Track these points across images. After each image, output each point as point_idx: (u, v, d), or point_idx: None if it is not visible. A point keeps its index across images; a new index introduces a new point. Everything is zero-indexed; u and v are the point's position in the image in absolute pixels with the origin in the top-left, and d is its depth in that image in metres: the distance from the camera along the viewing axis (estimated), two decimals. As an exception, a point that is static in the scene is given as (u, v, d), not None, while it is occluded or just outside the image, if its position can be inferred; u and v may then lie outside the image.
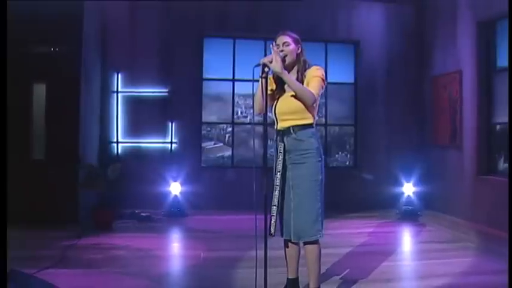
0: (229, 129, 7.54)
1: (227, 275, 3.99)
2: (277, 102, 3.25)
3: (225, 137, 7.58)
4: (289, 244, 3.29)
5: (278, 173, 3.21)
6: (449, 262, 4.48)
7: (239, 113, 7.58)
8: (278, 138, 3.29)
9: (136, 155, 6.94)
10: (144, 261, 4.44)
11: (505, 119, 5.84)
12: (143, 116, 7.00)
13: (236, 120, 7.52)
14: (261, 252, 2.85)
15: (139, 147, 7.01)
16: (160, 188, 6.73)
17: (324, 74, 3.16)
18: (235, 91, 7.46)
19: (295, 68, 3.22)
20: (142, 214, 6.34)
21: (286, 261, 3.31)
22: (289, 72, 3.16)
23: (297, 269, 3.33)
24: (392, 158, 7.30)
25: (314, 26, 7.25)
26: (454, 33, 6.55)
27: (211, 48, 7.37)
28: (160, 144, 7.07)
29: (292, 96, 3.15)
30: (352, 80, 7.65)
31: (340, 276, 3.92)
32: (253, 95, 3.26)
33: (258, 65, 3.04)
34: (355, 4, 7.50)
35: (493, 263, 4.50)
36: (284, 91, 3.22)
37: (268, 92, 3.14)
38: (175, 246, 5.44)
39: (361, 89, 7.61)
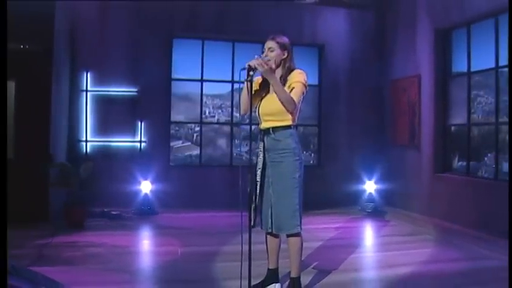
0: (197, 128, 7.68)
1: (208, 268, 4.17)
2: (260, 103, 3.44)
3: (193, 136, 7.71)
4: (270, 237, 3.51)
5: (258, 170, 3.42)
6: (410, 253, 4.84)
7: (207, 112, 7.73)
8: (260, 137, 3.47)
9: (106, 154, 6.97)
10: (123, 257, 4.53)
11: (459, 120, 6.29)
12: (112, 115, 7.02)
13: (204, 120, 7.66)
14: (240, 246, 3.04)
15: (109, 146, 7.03)
16: (129, 187, 6.79)
17: (306, 79, 3.37)
18: (204, 91, 7.60)
19: (280, 72, 3.41)
20: (112, 212, 6.38)
21: (268, 253, 3.53)
22: (272, 76, 3.36)
23: (277, 260, 3.55)
24: (354, 157, 7.64)
25: (281, 29, 7.40)
26: (413, 40, 6.95)
27: (180, 48, 7.47)
28: (129, 143, 7.11)
29: (274, 98, 3.36)
30: (316, 82, 7.94)
31: (313, 266, 4.19)
32: (239, 96, 3.44)
33: (244, 68, 3.20)
34: (320, 9, 7.79)
35: (449, 252, 4.92)
36: (268, 93, 3.42)
37: (253, 93, 3.32)
38: (151, 243, 5.53)
39: (325, 91, 7.92)
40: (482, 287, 3.83)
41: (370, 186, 7.35)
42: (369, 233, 6.15)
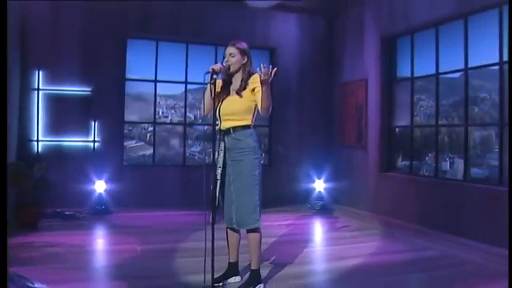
0: (151, 128, 7.71)
1: (168, 264, 4.28)
2: (221, 104, 3.61)
3: (147, 136, 7.75)
4: (231, 232, 3.69)
5: (219, 169, 3.59)
6: (359, 246, 5.18)
7: (160, 113, 7.79)
8: (220, 137, 3.64)
9: (58, 154, 6.86)
10: (81, 256, 4.56)
11: (403, 123, 6.71)
12: (65, 115, 6.92)
13: (157, 120, 7.71)
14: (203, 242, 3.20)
15: (61, 145, 6.94)
16: (83, 186, 6.75)
17: (267, 82, 3.57)
18: (157, 92, 7.64)
19: (240, 76, 3.59)
20: (66, 213, 6.33)
21: (228, 247, 3.70)
22: (233, 80, 3.56)
23: (237, 254, 3.73)
24: (304, 157, 7.95)
25: (234, 31, 7.60)
26: (360, 46, 7.31)
27: (134, 49, 7.47)
28: (82, 143, 7.05)
29: (234, 99, 3.54)
30: (268, 84, 8.16)
31: (270, 261, 4.39)
32: (203, 94, 3.59)
33: (208, 72, 3.37)
34: (272, 13, 8.03)
35: (394, 245, 5.32)
36: (228, 94, 3.60)
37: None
38: (109, 242, 5.52)
39: (276, 93, 8.11)
40: (423, 274, 4.19)
41: (319, 185, 7.67)
42: (318, 229, 6.44)
